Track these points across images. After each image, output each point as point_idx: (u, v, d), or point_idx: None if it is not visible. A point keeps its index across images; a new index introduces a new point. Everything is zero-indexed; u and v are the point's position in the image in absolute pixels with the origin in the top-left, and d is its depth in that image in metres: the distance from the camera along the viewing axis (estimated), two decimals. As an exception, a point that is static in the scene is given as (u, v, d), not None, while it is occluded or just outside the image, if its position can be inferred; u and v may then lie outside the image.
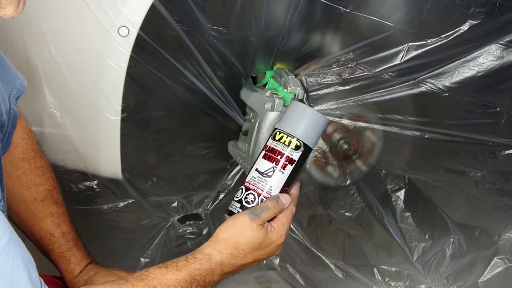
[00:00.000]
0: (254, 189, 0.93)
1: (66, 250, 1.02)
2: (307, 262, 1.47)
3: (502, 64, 1.14)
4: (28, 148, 1.03)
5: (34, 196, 1.02)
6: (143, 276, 0.77)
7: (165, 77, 1.20)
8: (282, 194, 0.93)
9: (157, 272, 0.78)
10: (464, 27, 1.09)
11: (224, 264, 0.85)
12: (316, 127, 0.96)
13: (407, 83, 1.20)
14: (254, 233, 0.86)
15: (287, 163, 0.93)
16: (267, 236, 0.88)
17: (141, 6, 1.04)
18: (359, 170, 1.38)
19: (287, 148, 0.94)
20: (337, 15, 1.14)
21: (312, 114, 0.96)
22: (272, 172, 0.93)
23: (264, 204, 0.90)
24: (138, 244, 1.46)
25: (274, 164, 0.93)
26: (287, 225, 0.92)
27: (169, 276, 0.78)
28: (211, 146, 1.42)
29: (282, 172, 0.93)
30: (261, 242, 0.88)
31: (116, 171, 1.25)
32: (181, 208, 1.48)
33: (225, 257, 0.85)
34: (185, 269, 0.80)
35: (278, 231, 0.90)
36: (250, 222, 0.86)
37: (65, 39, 1.09)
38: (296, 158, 0.94)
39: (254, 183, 0.94)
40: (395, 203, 1.38)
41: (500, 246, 1.32)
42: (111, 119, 1.15)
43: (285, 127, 0.96)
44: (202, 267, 0.81)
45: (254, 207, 0.90)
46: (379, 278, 1.42)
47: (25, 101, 1.16)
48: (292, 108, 0.99)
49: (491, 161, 1.28)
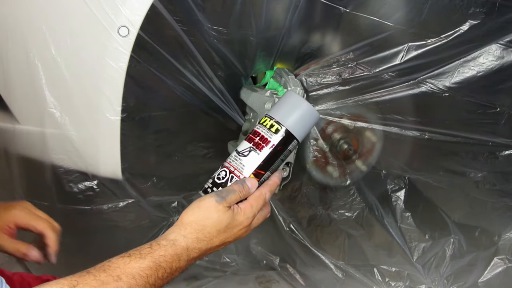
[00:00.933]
0: (228, 166, 0.94)
1: None
2: (307, 262, 1.47)
3: (502, 64, 1.14)
4: None
5: None
6: (105, 267, 0.75)
7: (165, 77, 1.20)
8: (249, 178, 0.93)
9: (120, 261, 0.76)
10: (464, 27, 1.09)
11: (190, 249, 0.82)
12: (303, 116, 0.95)
13: (407, 83, 1.20)
14: (220, 215, 0.85)
15: (263, 144, 0.93)
16: (233, 218, 0.87)
17: (141, 6, 1.04)
18: (359, 170, 1.38)
19: (267, 130, 0.94)
20: (337, 15, 1.14)
21: (299, 101, 0.96)
22: (247, 152, 0.93)
23: (230, 187, 0.89)
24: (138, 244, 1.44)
25: (252, 145, 0.94)
26: (256, 208, 0.91)
27: (133, 264, 0.76)
28: (211, 146, 1.42)
29: (257, 154, 0.93)
30: (228, 224, 0.86)
31: (116, 171, 1.24)
32: (181, 208, 1.48)
33: (191, 241, 0.83)
34: (149, 256, 0.78)
35: (245, 213, 0.89)
36: (216, 204, 0.85)
37: (65, 39, 1.09)
38: (274, 142, 0.93)
39: (230, 161, 0.94)
40: (395, 203, 1.38)
41: (500, 246, 1.32)
42: (111, 119, 1.15)
43: (271, 112, 0.97)
44: (167, 253, 0.79)
45: (220, 190, 0.89)
46: (379, 278, 1.42)
47: (25, 101, 1.16)
48: (283, 96, 1.00)
49: (491, 161, 1.28)
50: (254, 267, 1.53)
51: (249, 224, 0.90)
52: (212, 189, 0.93)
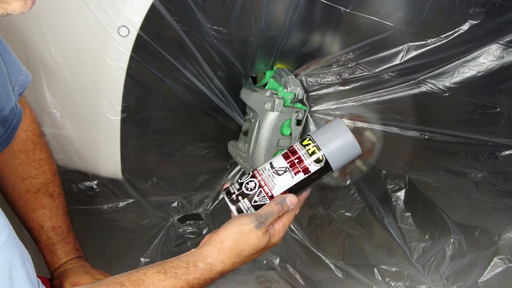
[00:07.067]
0: (259, 179, 0.92)
1: (53, 243, 1.02)
2: (307, 262, 1.47)
3: (502, 64, 1.14)
4: (28, 140, 1.03)
5: (28, 188, 1.02)
6: (140, 281, 0.75)
7: (165, 77, 1.20)
8: (289, 195, 0.91)
9: (155, 277, 0.76)
10: (464, 27, 1.09)
11: (224, 272, 0.83)
12: (346, 152, 0.93)
13: (407, 83, 1.20)
14: (259, 241, 0.85)
15: (301, 170, 0.91)
16: (269, 241, 0.87)
17: (141, 6, 1.04)
18: (359, 170, 1.38)
19: (308, 156, 0.91)
20: (337, 15, 1.14)
21: (349, 138, 0.92)
22: (283, 171, 0.91)
23: (270, 209, 0.88)
24: (138, 244, 1.46)
25: (289, 166, 0.91)
26: (287, 226, 0.91)
27: (167, 283, 0.76)
28: (211, 146, 1.42)
29: (292, 177, 0.91)
30: (264, 247, 0.87)
31: (116, 171, 1.25)
32: (181, 208, 1.48)
33: (227, 266, 0.83)
34: (184, 277, 0.78)
35: (279, 233, 0.89)
36: (255, 231, 0.85)
37: (65, 39, 1.09)
38: (311, 170, 0.91)
39: (262, 173, 0.92)
40: (395, 203, 1.38)
41: (500, 246, 1.32)
42: (111, 119, 1.15)
43: (316, 138, 0.93)
44: (202, 277, 0.80)
45: (259, 213, 0.87)
46: (379, 278, 1.42)
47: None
48: (334, 123, 0.96)
49: (491, 161, 1.28)
50: (254, 267, 1.53)
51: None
52: (238, 197, 0.91)
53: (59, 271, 1.01)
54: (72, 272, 1.00)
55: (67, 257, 1.03)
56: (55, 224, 1.03)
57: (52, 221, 1.03)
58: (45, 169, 1.05)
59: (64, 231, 1.04)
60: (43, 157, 1.05)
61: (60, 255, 1.02)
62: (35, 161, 1.03)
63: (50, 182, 1.05)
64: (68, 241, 1.04)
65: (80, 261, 1.04)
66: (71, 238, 1.05)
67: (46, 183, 1.04)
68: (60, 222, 1.04)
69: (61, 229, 1.03)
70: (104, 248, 1.39)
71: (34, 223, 1.02)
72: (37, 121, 1.07)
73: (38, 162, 1.04)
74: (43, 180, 1.04)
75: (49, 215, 1.03)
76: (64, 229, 1.04)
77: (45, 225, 1.02)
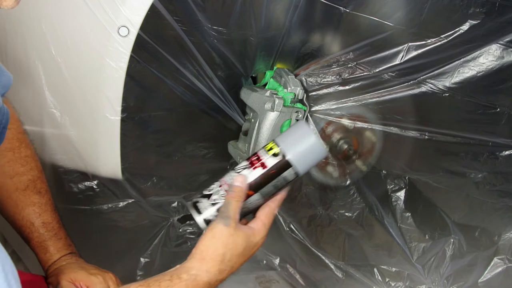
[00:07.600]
0: (220, 181, 0.91)
1: (45, 240, 1.02)
2: (307, 262, 1.47)
3: (502, 64, 1.14)
4: (13, 138, 1.03)
5: (16, 186, 1.02)
6: None
7: (165, 77, 1.20)
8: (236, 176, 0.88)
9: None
10: (464, 27, 1.09)
11: (212, 282, 0.81)
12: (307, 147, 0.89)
13: (407, 83, 1.20)
14: (235, 238, 0.83)
15: (258, 165, 0.89)
16: (249, 240, 0.85)
17: (141, 6, 1.04)
18: (359, 170, 1.38)
19: (265, 152, 0.90)
20: (337, 15, 1.14)
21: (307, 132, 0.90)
22: (241, 169, 0.90)
23: (225, 202, 0.86)
24: (138, 244, 1.46)
25: (248, 163, 0.91)
26: (268, 224, 0.88)
27: None
28: (211, 146, 1.42)
29: (249, 171, 0.89)
30: (245, 246, 0.84)
31: (116, 171, 1.24)
32: (181, 208, 1.48)
33: (213, 275, 0.81)
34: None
35: (260, 233, 0.87)
36: (226, 229, 0.82)
37: (65, 39, 1.09)
38: (268, 164, 0.89)
39: (223, 177, 0.92)
40: (395, 204, 1.38)
41: (500, 246, 1.32)
42: (111, 119, 1.15)
43: (277, 137, 0.92)
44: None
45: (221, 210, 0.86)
46: (379, 278, 1.42)
47: (25, 101, 1.16)
48: (294, 124, 0.97)
49: (491, 161, 1.28)
50: (254, 267, 1.53)
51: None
52: (199, 199, 0.90)
53: (53, 268, 1.01)
54: (67, 268, 1.00)
55: (60, 253, 1.03)
56: (45, 220, 1.03)
57: (42, 218, 1.03)
58: (31, 166, 1.05)
59: (55, 227, 1.04)
60: (29, 154, 1.06)
61: (53, 252, 1.02)
62: (21, 158, 1.04)
63: (38, 179, 1.05)
64: (60, 237, 1.04)
65: (74, 257, 1.04)
66: (62, 234, 1.05)
67: (33, 179, 1.04)
68: (50, 218, 1.04)
69: (51, 225, 1.03)
70: (104, 248, 1.39)
71: (24, 221, 1.02)
72: (19, 118, 1.07)
73: (24, 159, 1.04)
74: (30, 177, 1.04)
75: (38, 212, 1.03)
76: (54, 225, 1.04)
77: (35, 222, 1.02)
